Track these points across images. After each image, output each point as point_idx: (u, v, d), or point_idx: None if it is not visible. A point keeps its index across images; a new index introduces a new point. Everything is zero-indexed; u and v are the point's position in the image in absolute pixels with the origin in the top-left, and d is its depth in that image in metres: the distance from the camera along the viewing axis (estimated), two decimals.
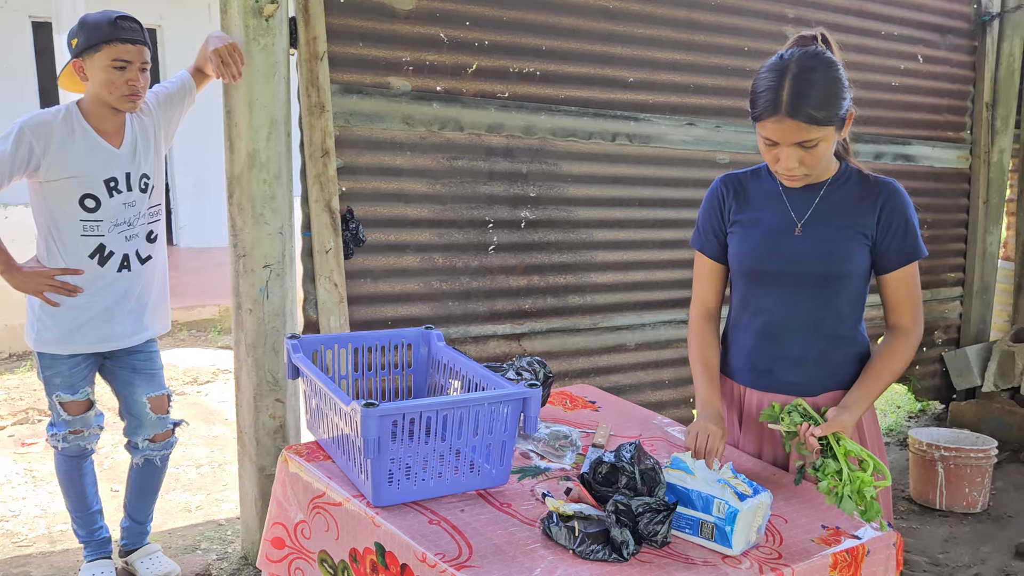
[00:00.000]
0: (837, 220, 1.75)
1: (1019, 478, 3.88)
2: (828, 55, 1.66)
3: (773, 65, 1.65)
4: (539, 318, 3.22)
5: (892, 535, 1.63)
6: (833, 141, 1.68)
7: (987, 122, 4.56)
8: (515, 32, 3.04)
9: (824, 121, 1.61)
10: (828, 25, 3.82)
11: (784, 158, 1.66)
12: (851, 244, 1.74)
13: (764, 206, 1.82)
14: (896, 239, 1.74)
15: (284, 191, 2.65)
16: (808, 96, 1.59)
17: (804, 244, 1.76)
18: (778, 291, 1.80)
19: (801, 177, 1.72)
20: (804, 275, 1.76)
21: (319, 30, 2.65)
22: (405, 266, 2.94)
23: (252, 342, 2.68)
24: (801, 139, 1.63)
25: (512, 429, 1.60)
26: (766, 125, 1.64)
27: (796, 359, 1.81)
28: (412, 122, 2.89)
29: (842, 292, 1.77)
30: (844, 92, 1.64)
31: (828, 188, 1.78)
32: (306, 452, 1.77)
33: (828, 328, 1.79)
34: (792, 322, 1.79)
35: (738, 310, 1.89)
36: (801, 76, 1.60)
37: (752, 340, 1.85)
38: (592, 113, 3.24)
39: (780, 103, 1.60)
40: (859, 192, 1.77)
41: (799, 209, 1.79)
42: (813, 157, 1.66)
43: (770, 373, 1.84)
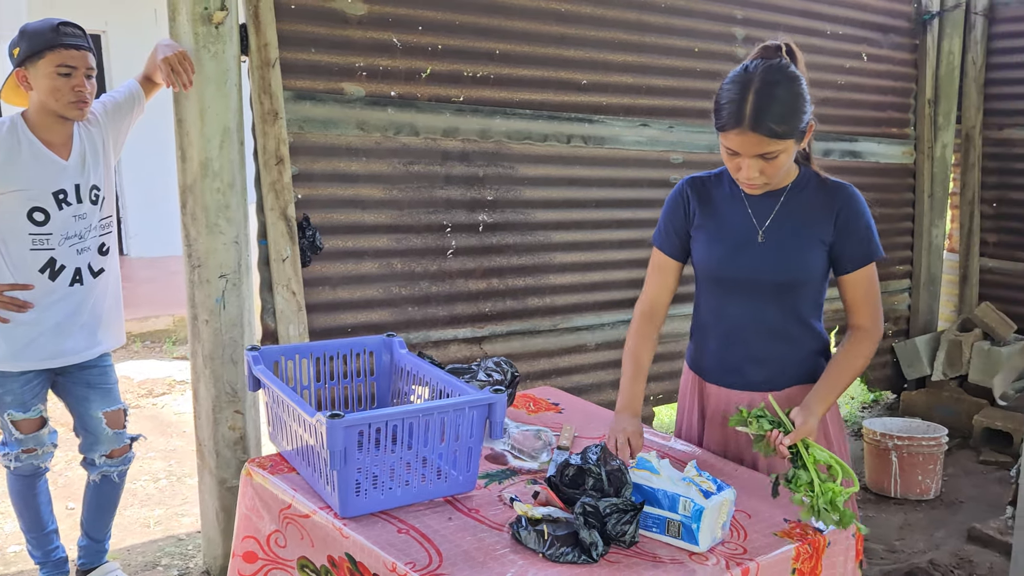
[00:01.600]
0: (797, 227, 1.80)
1: (969, 464, 4.00)
2: (792, 69, 1.69)
3: (737, 77, 1.68)
4: (499, 321, 3.23)
5: (851, 526, 1.67)
6: (793, 152, 1.72)
7: (930, 118, 4.69)
8: (468, 36, 3.05)
9: (785, 135, 1.66)
10: (775, 26, 3.90)
11: (746, 168, 1.71)
12: (810, 251, 1.79)
13: (727, 212, 1.86)
14: (853, 243, 1.79)
15: (239, 200, 2.62)
16: (770, 111, 1.63)
17: (766, 253, 1.80)
18: (741, 297, 1.85)
19: (761, 186, 1.77)
20: (766, 283, 1.81)
21: (270, 36, 2.62)
22: (364, 272, 2.92)
23: (209, 353, 2.64)
24: (763, 151, 1.67)
25: (478, 435, 1.60)
26: (729, 136, 1.68)
27: (762, 360, 1.86)
28: (367, 127, 2.87)
29: (802, 295, 1.83)
30: (805, 106, 1.69)
31: (788, 194, 1.82)
32: (269, 464, 1.75)
33: (790, 329, 1.85)
34: (756, 326, 1.85)
35: (704, 312, 1.94)
36: (764, 91, 1.63)
37: (719, 342, 1.91)
38: (547, 116, 3.26)
39: (743, 116, 1.64)
40: (817, 198, 1.81)
41: (760, 215, 1.83)
42: (773, 167, 1.71)
43: (738, 372, 1.89)
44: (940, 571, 2.91)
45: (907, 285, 4.83)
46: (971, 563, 3.00)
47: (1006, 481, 3.78)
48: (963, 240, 4.99)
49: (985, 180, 4.87)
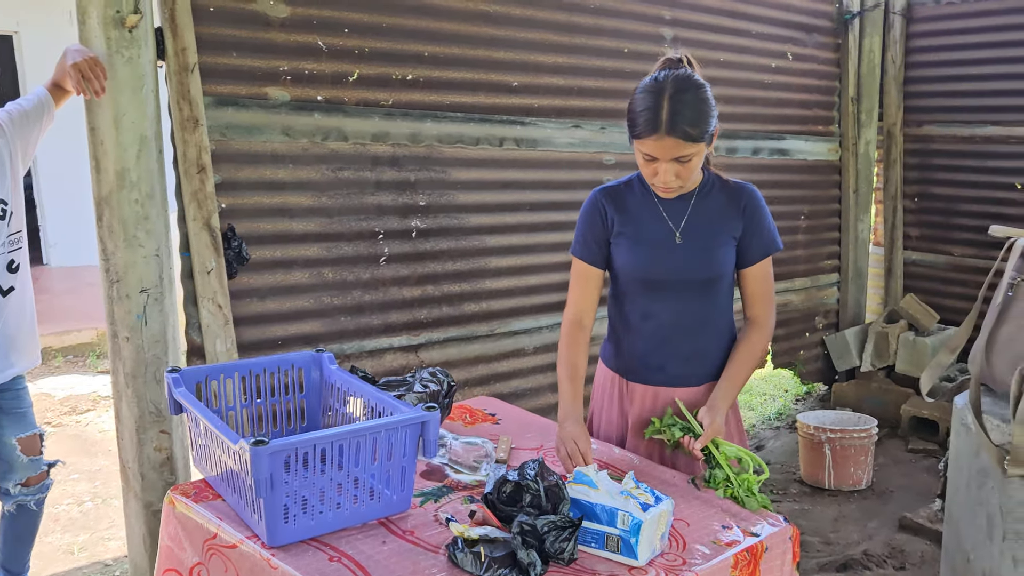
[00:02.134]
0: (711, 227, 1.92)
1: (898, 453, 4.11)
2: (697, 78, 1.81)
3: (649, 87, 1.79)
4: (435, 328, 3.18)
5: (788, 529, 1.68)
6: (703, 155, 1.83)
7: (853, 116, 4.81)
8: (396, 38, 2.98)
9: (698, 138, 1.76)
10: (703, 27, 3.94)
11: (662, 172, 1.80)
12: (724, 248, 1.92)
13: (644, 217, 1.96)
14: (757, 237, 1.93)
15: (158, 211, 2.51)
16: (684, 116, 1.74)
17: (685, 253, 1.91)
18: (666, 296, 1.95)
19: (676, 189, 1.86)
20: (689, 282, 1.93)
21: (188, 40, 2.52)
22: (293, 283, 2.83)
23: (131, 372, 2.52)
24: (678, 155, 1.77)
25: (411, 453, 1.55)
26: (646, 143, 1.78)
27: (686, 356, 1.97)
28: (293, 133, 2.79)
29: (719, 290, 1.95)
30: (713, 111, 1.81)
31: (697, 197, 1.94)
32: (193, 492, 1.68)
33: (712, 324, 1.97)
34: (681, 323, 1.95)
35: (627, 314, 2.02)
36: (677, 97, 1.74)
37: (644, 342, 1.99)
38: (478, 118, 3.22)
39: (660, 123, 1.73)
40: (723, 198, 1.94)
41: (675, 218, 1.93)
42: (688, 170, 1.81)
43: (662, 370, 1.98)
44: (874, 561, 2.97)
45: (836, 279, 4.94)
46: (903, 552, 3.07)
47: (934, 469, 3.90)
48: (887, 234, 5.13)
49: (907, 175, 5.01)
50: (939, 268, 4.94)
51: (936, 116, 4.82)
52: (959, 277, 4.84)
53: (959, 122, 4.72)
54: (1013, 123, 4.47)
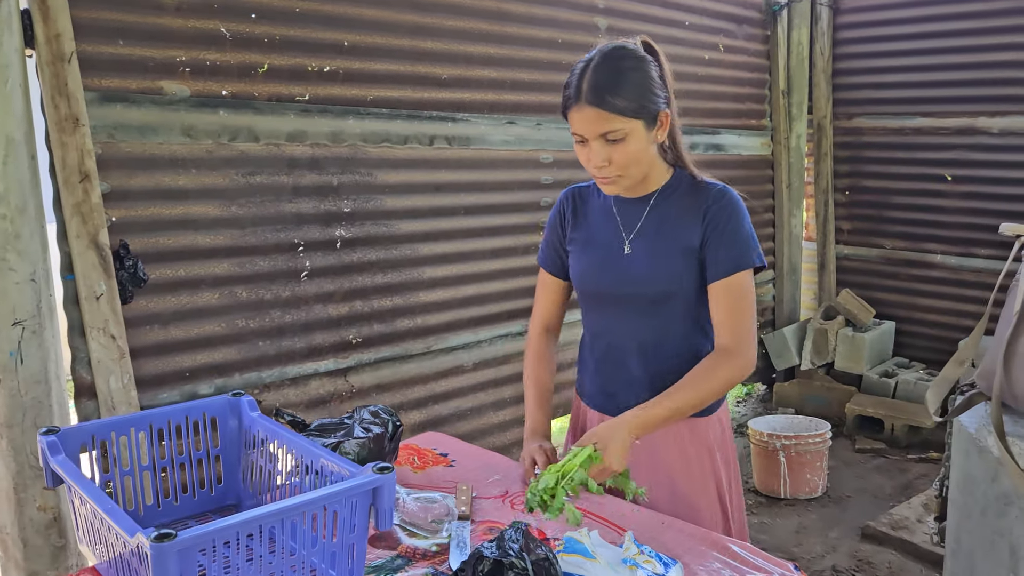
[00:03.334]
0: (663, 235, 1.64)
1: (846, 454, 4.00)
2: (638, 51, 1.56)
3: (583, 60, 1.56)
4: (366, 348, 2.86)
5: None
6: (645, 141, 1.56)
7: (784, 109, 4.71)
8: (311, 25, 2.65)
9: (626, 111, 1.50)
10: (636, 16, 3.74)
11: (592, 154, 1.55)
12: (679, 261, 1.62)
13: (598, 222, 1.72)
14: (721, 248, 1.60)
15: (33, 227, 2.11)
16: (606, 83, 1.50)
17: (633, 264, 1.64)
18: (612, 313, 1.70)
19: (615, 179, 1.58)
20: (633, 297, 1.65)
21: (63, 25, 2.13)
22: (201, 305, 2.47)
23: (6, 420, 2.12)
24: (604, 129, 1.51)
25: (362, 527, 1.25)
26: (572, 118, 1.55)
27: (638, 381, 1.69)
28: (195, 133, 2.42)
29: (676, 310, 1.65)
30: (652, 86, 1.54)
31: (656, 199, 1.67)
32: None
33: (668, 349, 1.67)
34: (631, 344, 1.69)
35: (585, 329, 1.79)
36: (602, 64, 1.53)
37: (596, 362, 1.77)
38: (406, 115, 2.91)
39: (581, 91, 1.51)
40: (686, 201, 1.65)
41: (628, 224, 1.67)
42: (622, 154, 1.54)
43: (614, 397, 1.73)
44: None
45: (771, 276, 4.84)
46: (870, 564, 2.93)
47: (885, 470, 3.81)
48: (819, 229, 5.06)
49: (837, 169, 4.95)
50: (872, 261, 4.90)
51: (866, 108, 4.77)
52: (892, 270, 4.81)
53: (888, 114, 4.67)
54: (942, 114, 4.45)
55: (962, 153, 4.40)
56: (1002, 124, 4.22)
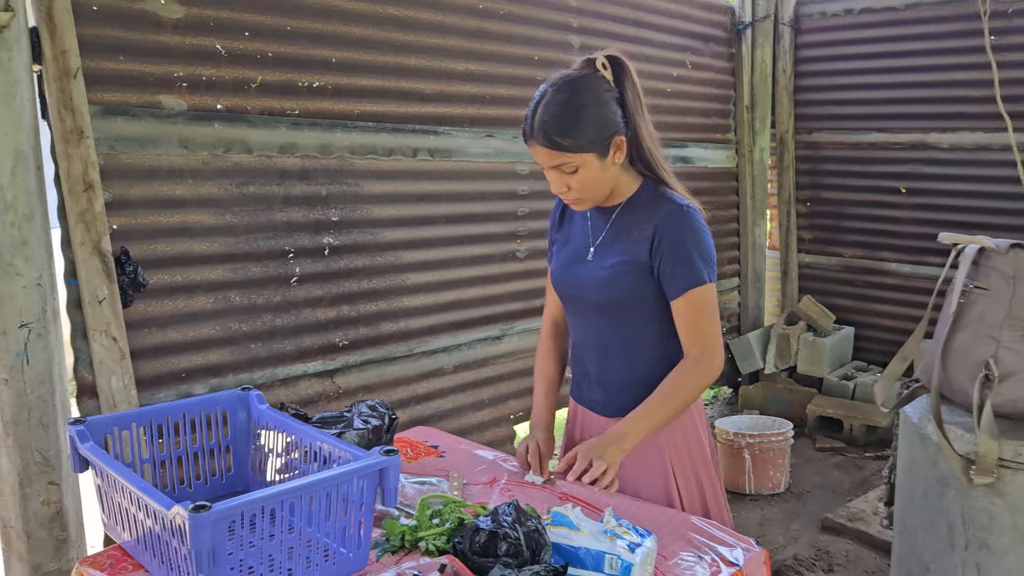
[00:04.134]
0: (617, 247, 1.72)
1: (807, 452, 4.20)
2: (589, 81, 1.61)
3: (539, 91, 1.64)
4: (352, 351, 2.99)
5: (761, 553, 1.61)
6: (598, 168, 1.63)
7: (748, 123, 4.92)
8: (301, 43, 2.78)
9: (571, 148, 1.59)
10: (608, 34, 3.92)
11: (552, 181, 1.68)
12: (628, 273, 1.69)
13: (575, 227, 1.85)
14: (672, 266, 1.66)
15: (39, 234, 2.22)
16: (552, 124, 1.58)
17: (589, 271, 1.76)
18: (575, 313, 1.85)
19: (577, 200, 1.70)
20: (588, 301, 1.77)
21: (69, 42, 2.24)
22: (197, 309, 2.58)
23: (12, 418, 2.21)
24: (555, 163, 1.62)
25: (370, 505, 1.39)
26: (530, 149, 1.65)
27: (596, 379, 1.84)
28: (191, 145, 2.54)
29: (634, 317, 1.73)
30: (602, 117, 1.60)
31: (619, 211, 1.74)
32: (108, 563, 1.44)
33: (626, 351, 1.77)
34: (588, 343, 1.83)
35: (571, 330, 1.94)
36: (549, 103, 1.59)
37: (577, 360, 1.91)
38: (390, 128, 3.05)
39: (532, 128, 1.60)
40: (642, 215, 1.71)
41: (595, 232, 1.78)
42: (577, 182, 1.64)
43: (580, 388, 1.89)
44: (804, 565, 2.99)
45: (736, 283, 5.04)
46: (828, 553, 3.11)
47: (843, 467, 4.01)
48: (782, 238, 5.27)
49: (799, 181, 5.17)
50: (831, 269, 5.12)
51: (825, 123, 4.99)
52: (850, 277, 5.03)
53: (846, 129, 4.90)
54: (896, 130, 4.68)
55: (914, 167, 4.64)
56: (951, 140, 4.47)
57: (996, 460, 1.59)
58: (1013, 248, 1.70)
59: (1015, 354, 1.66)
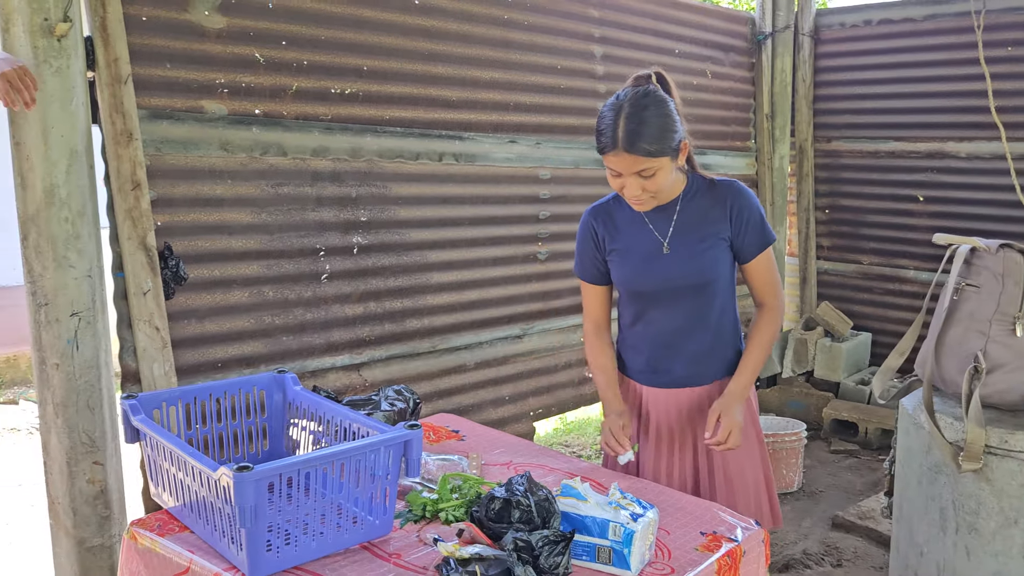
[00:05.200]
0: (697, 232, 1.94)
1: (822, 454, 4.27)
2: (658, 93, 1.85)
3: (611, 105, 1.85)
4: (378, 345, 3.12)
5: (760, 532, 1.72)
6: (671, 169, 1.87)
7: (768, 132, 5.01)
8: (335, 52, 2.93)
9: (656, 153, 1.80)
10: (630, 45, 4.03)
11: (628, 186, 1.86)
12: (714, 251, 1.94)
13: (632, 232, 2.02)
14: (749, 233, 1.95)
15: (90, 229, 2.38)
16: (638, 132, 1.78)
17: (675, 262, 1.95)
18: (663, 305, 2.01)
19: (647, 201, 1.90)
20: (682, 289, 1.96)
21: (120, 51, 2.40)
22: (233, 302, 2.73)
23: (62, 400, 2.37)
24: (639, 169, 1.82)
25: (394, 474, 1.51)
26: (609, 158, 1.84)
27: (690, 356, 2.03)
28: (231, 148, 2.70)
29: (717, 292, 1.98)
30: (675, 126, 1.84)
31: (681, 203, 1.97)
32: (158, 524, 1.59)
33: (713, 324, 2.01)
34: (682, 327, 2.01)
35: (631, 321, 2.10)
36: (633, 115, 1.80)
37: (648, 347, 2.07)
38: (418, 133, 3.19)
39: (618, 140, 1.80)
40: (709, 200, 1.96)
41: (661, 228, 1.97)
42: (654, 184, 1.85)
43: (668, 372, 2.06)
44: (813, 560, 3.07)
45: None
46: (838, 549, 3.19)
47: (856, 468, 4.07)
48: (801, 245, 5.35)
49: (818, 188, 5.25)
50: (849, 276, 5.18)
51: (844, 132, 5.07)
52: (868, 284, 5.09)
53: (865, 138, 4.98)
54: (915, 139, 4.75)
55: (932, 175, 4.70)
56: (969, 149, 4.53)
57: (983, 447, 1.69)
58: (1002, 248, 1.79)
59: (1003, 347, 1.75)
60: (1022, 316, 1.77)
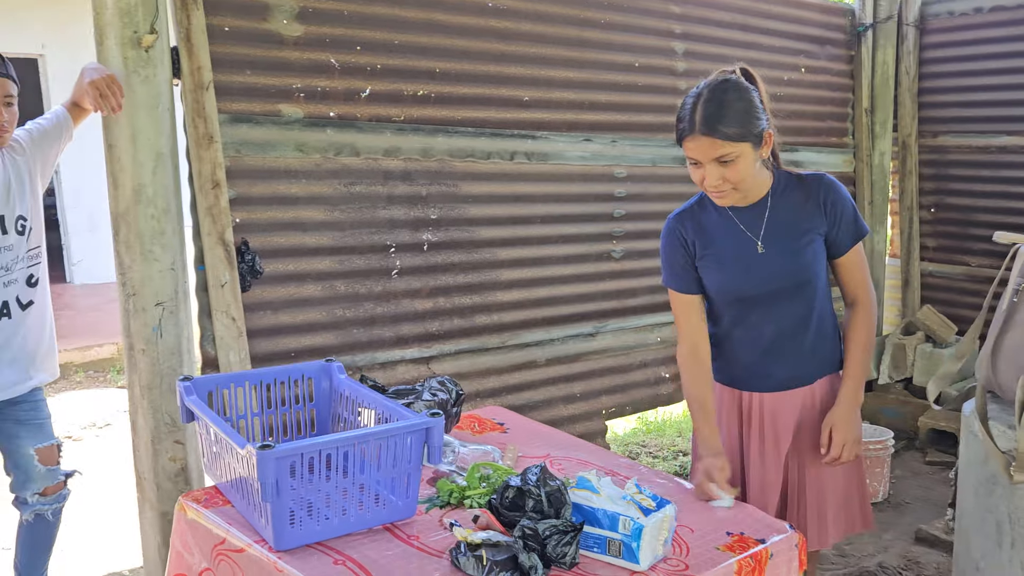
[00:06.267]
0: (793, 229, 1.89)
1: (916, 465, 4.07)
2: (740, 81, 1.83)
3: (692, 94, 1.84)
4: (447, 340, 3.21)
5: (794, 536, 1.68)
6: (753, 159, 1.81)
7: (867, 127, 4.80)
8: (408, 55, 3.03)
9: (735, 137, 1.76)
10: (714, 40, 3.96)
11: (708, 175, 1.81)
12: (811, 247, 1.89)
13: (723, 235, 1.96)
14: (844, 226, 1.91)
15: (174, 225, 2.56)
16: (717, 115, 1.76)
17: (772, 263, 1.89)
18: (762, 308, 1.95)
19: (729, 192, 1.85)
20: (781, 290, 1.91)
21: (203, 59, 2.58)
22: (306, 296, 2.87)
23: (147, 383, 2.57)
24: (717, 155, 1.77)
25: (417, 460, 1.57)
26: (687, 145, 1.81)
27: (793, 359, 1.97)
28: (306, 149, 2.84)
29: (816, 290, 1.94)
30: (756, 112, 1.80)
31: (772, 201, 1.92)
32: (204, 498, 1.71)
33: (813, 322, 1.96)
34: (782, 329, 1.95)
35: (728, 327, 2.03)
36: (711, 98, 1.79)
37: (748, 352, 2.01)
38: (489, 133, 3.25)
39: (695, 123, 1.77)
40: (800, 195, 1.91)
41: (753, 228, 1.92)
42: (734, 173, 1.80)
43: (771, 377, 1.99)
44: (888, 573, 2.94)
45: None
46: (918, 564, 3.04)
47: (951, 481, 3.85)
48: (904, 246, 5.10)
49: (923, 186, 4.99)
50: (956, 279, 4.90)
51: (951, 126, 4.80)
52: (976, 288, 4.79)
53: (974, 132, 4.70)
54: None
55: None
56: None
57: None
58: None
59: None
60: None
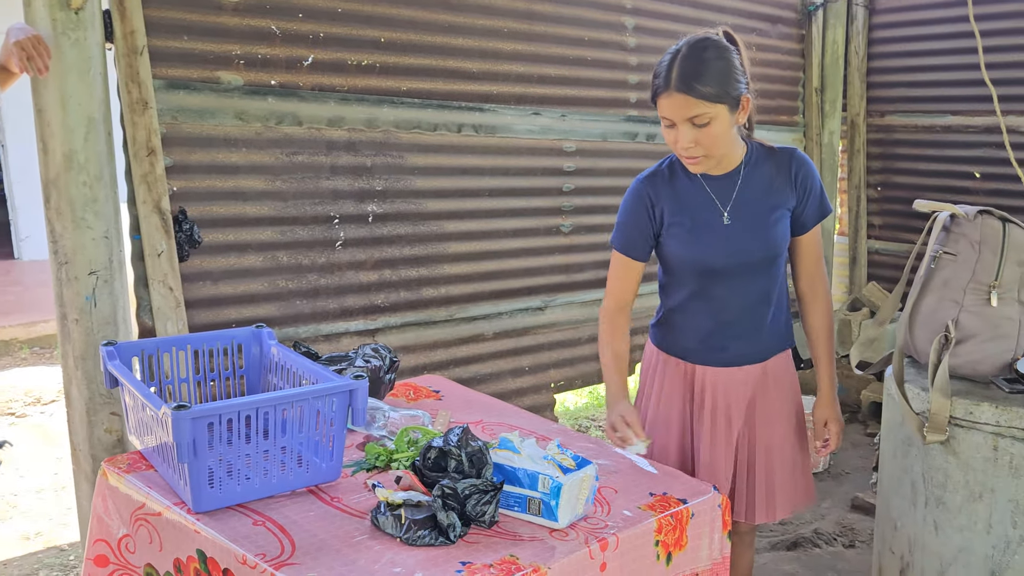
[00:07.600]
0: (763, 202, 1.85)
1: (857, 437, 4.16)
2: (720, 41, 1.77)
3: (671, 50, 1.77)
4: (393, 312, 3.20)
5: (717, 497, 1.71)
6: (729, 123, 1.76)
7: (817, 106, 4.85)
8: (352, 24, 2.99)
9: (711, 97, 1.70)
10: (664, 16, 3.97)
11: (680, 137, 1.75)
12: (781, 223, 1.86)
13: (692, 203, 1.90)
14: (811, 203, 1.91)
15: (107, 193, 2.51)
16: (694, 72, 1.70)
17: (739, 236, 1.84)
18: (728, 281, 1.90)
19: (701, 159, 1.79)
20: (749, 264, 1.87)
21: (137, 23, 2.52)
22: (247, 266, 2.84)
23: (81, 354, 2.52)
24: (691, 114, 1.71)
25: (341, 422, 1.57)
26: (661, 103, 1.74)
27: (749, 335, 1.94)
28: (246, 117, 2.79)
29: (780, 265, 1.92)
30: (735, 74, 1.74)
31: (744, 171, 1.87)
32: (127, 464, 1.69)
33: (773, 297, 1.95)
34: (745, 302, 1.92)
35: (686, 299, 1.97)
36: (689, 54, 1.73)
37: (706, 323, 1.95)
38: (436, 104, 3.23)
39: (671, 79, 1.71)
40: (771, 167, 1.88)
41: (723, 197, 1.87)
42: (708, 136, 1.74)
43: (725, 351, 1.95)
44: (824, 539, 3.01)
45: None
46: (853, 530, 3.12)
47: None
48: (851, 223, 5.18)
49: (870, 165, 5.07)
50: (901, 256, 5.00)
51: (898, 106, 4.87)
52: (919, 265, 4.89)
53: (920, 112, 4.78)
54: (971, 113, 4.53)
55: (990, 151, 4.48)
56: None
57: (947, 418, 1.63)
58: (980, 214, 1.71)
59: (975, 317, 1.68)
60: (998, 285, 1.70)
